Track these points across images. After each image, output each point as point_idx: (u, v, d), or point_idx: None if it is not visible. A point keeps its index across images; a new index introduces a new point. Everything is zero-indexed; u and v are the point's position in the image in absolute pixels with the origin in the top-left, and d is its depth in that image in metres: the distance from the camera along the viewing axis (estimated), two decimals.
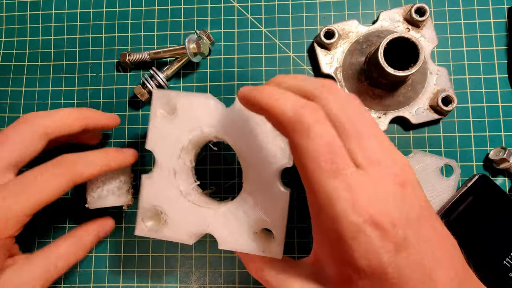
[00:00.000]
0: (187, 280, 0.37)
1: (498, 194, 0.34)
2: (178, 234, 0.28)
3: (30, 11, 0.42)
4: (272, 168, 0.27)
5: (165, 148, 0.29)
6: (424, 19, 0.36)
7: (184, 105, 0.29)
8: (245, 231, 0.27)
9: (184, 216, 0.28)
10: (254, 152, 0.27)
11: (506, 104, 0.37)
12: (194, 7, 0.40)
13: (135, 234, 0.29)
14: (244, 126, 0.27)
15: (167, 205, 0.29)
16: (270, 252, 0.26)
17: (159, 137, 0.29)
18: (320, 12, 0.39)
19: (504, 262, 0.33)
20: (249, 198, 0.27)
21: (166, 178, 0.29)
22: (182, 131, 0.29)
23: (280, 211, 0.26)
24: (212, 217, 0.28)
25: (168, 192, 0.29)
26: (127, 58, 0.38)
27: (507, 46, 0.37)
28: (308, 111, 0.19)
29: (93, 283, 0.37)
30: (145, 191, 0.29)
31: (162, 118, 0.29)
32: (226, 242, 0.27)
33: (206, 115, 0.28)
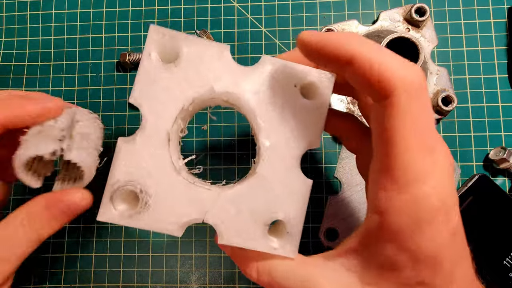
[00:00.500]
0: (187, 280, 0.37)
1: (498, 194, 0.34)
2: (164, 222, 0.21)
3: (30, 11, 0.42)
4: (296, 149, 0.22)
5: (158, 105, 0.22)
6: (424, 19, 0.36)
7: (192, 53, 0.22)
8: (255, 222, 0.22)
9: (175, 197, 0.22)
10: (278, 126, 0.22)
11: (506, 104, 0.37)
12: (194, 7, 0.40)
13: (98, 219, 0.21)
14: (270, 93, 0.22)
15: (152, 181, 0.22)
16: (284, 250, 0.22)
17: (150, 88, 0.22)
18: (320, 12, 0.39)
19: (504, 262, 0.33)
20: (263, 181, 0.22)
21: (154, 145, 0.22)
22: (184, 86, 0.22)
23: (299, 203, 0.22)
24: (212, 203, 0.22)
25: (155, 163, 0.22)
26: (127, 58, 0.38)
27: (507, 46, 0.37)
28: (421, 76, 0.18)
29: (93, 283, 0.37)
30: (122, 159, 0.21)
31: (158, 65, 0.22)
32: (228, 235, 0.22)
33: (220, 70, 0.22)
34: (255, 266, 0.22)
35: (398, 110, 0.18)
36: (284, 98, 0.22)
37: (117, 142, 0.22)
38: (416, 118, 0.18)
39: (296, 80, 0.22)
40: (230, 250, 0.24)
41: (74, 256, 0.37)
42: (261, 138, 0.22)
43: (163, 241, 0.37)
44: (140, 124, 0.22)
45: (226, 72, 0.22)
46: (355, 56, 0.19)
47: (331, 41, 0.19)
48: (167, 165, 0.22)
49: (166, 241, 0.37)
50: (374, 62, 0.18)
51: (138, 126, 0.22)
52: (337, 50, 0.19)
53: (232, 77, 0.22)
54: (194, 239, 0.37)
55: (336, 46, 0.19)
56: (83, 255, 0.37)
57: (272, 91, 0.22)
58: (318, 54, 0.20)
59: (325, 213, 0.36)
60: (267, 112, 0.22)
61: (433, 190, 0.18)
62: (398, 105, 0.18)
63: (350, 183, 0.36)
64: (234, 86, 0.22)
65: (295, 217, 0.22)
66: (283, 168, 0.22)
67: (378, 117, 0.19)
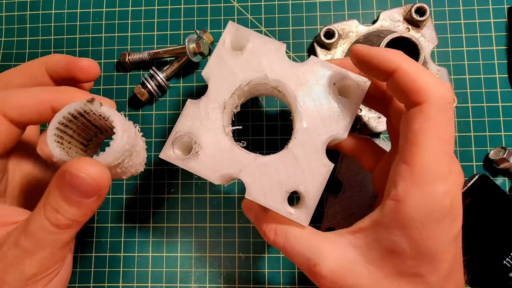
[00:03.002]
0: (187, 280, 0.37)
1: (498, 194, 0.34)
2: (207, 170, 0.26)
3: (30, 11, 0.42)
4: (325, 135, 0.26)
5: (221, 80, 0.27)
6: (424, 19, 0.36)
7: (256, 45, 0.28)
8: (278, 187, 0.26)
9: (220, 153, 0.26)
10: (313, 113, 0.26)
11: (506, 104, 0.37)
12: (194, 7, 0.40)
13: (160, 156, 0.26)
14: (312, 86, 0.27)
15: (205, 136, 0.27)
16: (298, 217, 0.25)
17: (219, 67, 0.27)
18: (320, 12, 0.39)
19: (504, 262, 0.33)
20: (292, 156, 0.26)
21: (212, 109, 0.27)
22: (244, 70, 0.27)
23: (320, 180, 0.26)
24: (248, 163, 0.26)
25: (210, 123, 0.27)
26: (127, 58, 0.38)
27: (507, 46, 0.37)
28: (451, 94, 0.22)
29: (93, 283, 0.37)
30: (186, 114, 0.27)
31: (228, 50, 0.28)
32: (255, 192, 0.26)
33: (275, 62, 0.27)
34: (273, 228, 0.26)
35: (428, 116, 0.21)
36: (323, 92, 0.27)
37: (186, 101, 0.27)
38: (441, 127, 0.21)
39: (336, 80, 0.27)
40: (254, 215, 0.27)
41: (74, 256, 0.37)
42: (296, 121, 0.27)
43: (163, 241, 0.37)
44: (206, 92, 0.27)
45: (279, 64, 0.27)
46: (399, 67, 0.22)
47: (381, 54, 0.23)
48: (218, 127, 0.27)
49: (166, 241, 0.37)
50: (414, 74, 0.22)
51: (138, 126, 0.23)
52: (384, 61, 0.23)
53: (283, 69, 0.27)
54: (194, 239, 0.37)
55: (384, 58, 0.23)
56: (83, 255, 0.37)
57: (314, 85, 0.27)
58: (368, 63, 0.24)
59: (325, 213, 0.36)
60: (306, 101, 0.27)
61: (447, 193, 0.21)
62: (428, 112, 0.21)
63: (350, 183, 0.36)
64: (283, 76, 0.27)
65: (313, 192, 0.25)
66: (311, 148, 0.26)
67: (408, 120, 0.22)
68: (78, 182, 0.20)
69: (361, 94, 0.26)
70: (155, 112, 0.39)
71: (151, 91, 0.37)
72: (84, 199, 0.21)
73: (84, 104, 0.21)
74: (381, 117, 0.36)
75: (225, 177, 0.26)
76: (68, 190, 0.20)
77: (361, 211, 0.36)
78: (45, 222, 0.21)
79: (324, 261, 0.23)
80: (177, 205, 0.38)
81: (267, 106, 0.38)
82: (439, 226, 0.21)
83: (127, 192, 0.38)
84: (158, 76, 0.37)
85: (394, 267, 0.22)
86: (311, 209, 0.25)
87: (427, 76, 0.22)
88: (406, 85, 0.22)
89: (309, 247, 0.24)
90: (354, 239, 0.23)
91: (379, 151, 0.30)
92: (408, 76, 0.22)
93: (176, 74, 0.39)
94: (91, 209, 0.22)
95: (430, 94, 0.21)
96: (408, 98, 0.22)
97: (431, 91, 0.21)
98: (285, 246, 0.25)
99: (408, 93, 0.22)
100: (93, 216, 0.38)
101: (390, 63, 0.23)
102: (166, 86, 0.38)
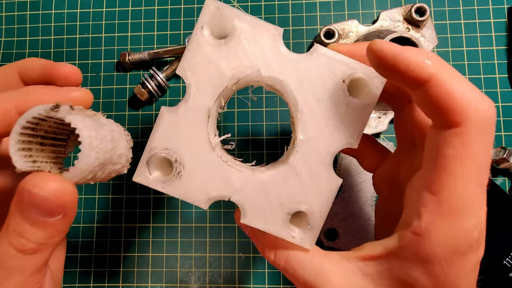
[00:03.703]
0: (187, 280, 0.37)
1: (498, 194, 0.34)
2: (193, 194, 0.22)
3: (30, 11, 0.42)
4: (333, 146, 0.22)
5: (203, 80, 0.22)
6: (424, 19, 0.36)
7: (244, 31, 0.22)
8: (279, 209, 0.22)
9: (207, 173, 0.22)
10: (319, 120, 0.22)
11: (506, 104, 0.37)
12: (194, 7, 0.40)
13: (134, 179, 0.22)
14: (315, 85, 0.22)
15: (188, 153, 0.22)
16: (302, 240, 0.22)
17: (198, 63, 0.22)
18: (320, 12, 0.39)
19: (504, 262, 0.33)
20: (294, 173, 0.22)
21: (194, 119, 0.22)
22: (231, 65, 0.22)
23: (326, 199, 0.22)
24: (242, 183, 0.22)
25: (193, 136, 0.22)
26: (127, 58, 0.38)
27: (507, 46, 0.37)
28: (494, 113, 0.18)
29: (93, 283, 0.37)
30: (162, 127, 0.22)
31: (208, 39, 0.22)
32: (252, 216, 0.22)
33: (270, 54, 0.22)
34: (273, 249, 0.23)
35: (465, 142, 0.18)
36: (329, 93, 0.22)
37: (160, 109, 0.22)
38: (479, 153, 0.18)
39: (346, 75, 0.22)
40: (250, 231, 0.24)
41: (75, 256, 0.37)
42: (298, 130, 0.22)
43: (163, 241, 0.37)
44: (185, 95, 0.22)
45: (276, 57, 0.22)
46: (433, 78, 0.18)
47: (409, 57, 0.18)
48: (203, 140, 0.22)
49: (166, 241, 0.37)
50: (451, 87, 0.18)
51: (138, 125, 0.22)
52: (415, 67, 0.18)
53: (280, 63, 0.22)
54: (194, 239, 0.37)
55: (415, 63, 0.18)
56: (83, 255, 0.37)
57: (318, 83, 0.22)
58: (393, 67, 0.19)
59: None
60: (309, 105, 0.22)
61: (477, 225, 0.18)
62: (467, 137, 0.18)
63: (350, 183, 0.36)
64: (281, 72, 0.22)
65: (319, 211, 0.22)
66: (315, 162, 0.22)
67: (437, 141, 0.19)
68: (37, 200, 0.18)
69: (376, 93, 0.22)
70: (155, 112, 0.39)
71: (151, 91, 0.37)
72: (48, 218, 0.18)
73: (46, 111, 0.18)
74: (381, 117, 0.36)
75: (215, 200, 0.23)
76: (29, 210, 0.18)
77: (361, 211, 0.36)
78: (9, 248, 0.18)
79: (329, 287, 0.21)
80: (177, 205, 0.38)
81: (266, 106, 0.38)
82: (464, 259, 0.19)
83: (127, 192, 0.38)
84: (158, 76, 0.37)
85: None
86: (316, 231, 0.22)
87: (469, 90, 0.18)
88: (441, 100, 0.18)
89: (313, 271, 0.21)
90: (364, 266, 0.21)
91: (382, 151, 0.27)
92: (443, 89, 0.18)
93: (176, 74, 0.39)
94: (59, 229, 0.19)
95: (472, 114, 0.17)
96: (442, 117, 0.18)
97: (473, 110, 0.17)
98: (287, 269, 0.22)
99: (443, 111, 0.18)
100: (93, 216, 0.38)
101: (423, 70, 0.18)
102: (166, 86, 0.38)
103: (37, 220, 0.18)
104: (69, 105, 0.18)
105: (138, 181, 0.22)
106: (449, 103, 0.18)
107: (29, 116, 0.18)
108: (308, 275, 0.21)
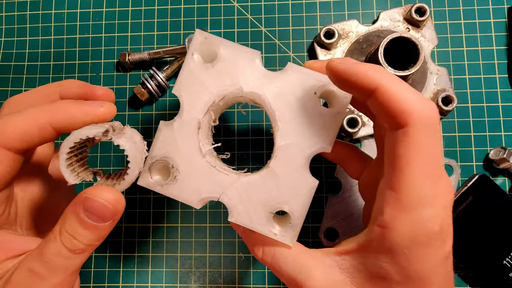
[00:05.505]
0: (187, 280, 0.37)
1: (498, 194, 0.34)
2: (186, 195, 0.25)
3: (30, 11, 0.42)
4: (308, 150, 0.25)
5: (194, 97, 0.26)
6: (424, 19, 0.36)
7: (227, 56, 0.25)
8: (262, 209, 0.25)
9: (198, 177, 0.25)
10: (294, 128, 0.25)
11: (506, 104, 0.37)
12: (194, 7, 0.40)
13: (138, 183, 0.25)
14: (290, 97, 0.25)
15: (182, 160, 0.25)
16: (283, 237, 0.24)
17: (190, 83, 0.26)
18: (320, 12, 0.39)
19: (504, 262, 0.33)
20: (274, 176, 0.25)
21: (187, 130, 0.25)
22: (217, 84, 0.25)
23: (304, 199, 0.25)
24: (228, 185, 0.25)
25: (186, 146, 0.25)
26: (127, 58, 0.38)
27: (507, 46, 0.37)
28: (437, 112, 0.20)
29: (92, 283, 0.37)
30: (161, 139, 0.26)
31: (198, 64, 0.26)
32: (238, 215, 0.25)
33: (250, 73, 0.25)
34: (261, 247, 0.25)
35: (413, 140, 0.20)
36: (303, 103, 0.25)
37: (159, 124, 0.26)
38: (427, 150, 0.20)
39: (317, 88, 0.25)
40: (242, 230, 0.26)
41: None
42: (277, 137, 0.25)
43: (162, 241, 0.37)
44: (179, 111, 0.26)
45: (254, 75, 0.25)
46: (379, 87, 0.21)
47: (359, 72, 0.21)
48: (195, 148, 0.26)
49: (166, 241, 0.37)
50: (395, 94, 0.20)
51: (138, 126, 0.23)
52: (363, 80, 0.21)
53: (259, 80, 0.25)
54: (194, 239, 0.37)
55: (363, 76, 0.21)
56: None
57: (292, 96, 0.25)
58: (346, 81, 0.22)
59: (325, 213, 0.36)
60: (285, 115, 0.25)
61: (434, 216, 0.20)
62: (413, 136, 0.20)
63: (350, 183, 0.36)
64: (260, 88, 0.25)
65: (298, 211, 0.25)
66: (293, 166, 0.25)
67: (391, 142, 0.21)
68: (96, 206, 0.22)
69: (345, 102, 0.25)
70: (155, 112, 0.39)
71: (151, 91, 0.37)
72: (100, 223, 0.22)
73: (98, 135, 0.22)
74: None
75: (206, 201, 0.26)
76: (85, 215, 0.22)
77: (361, 211, 0.36)
78: (61, 247, 0.21)
79: (310, 281, 0.23)
80: (177, 205, 0.38)
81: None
82: (426, 250, 0.20)
83: (127, 193, 0.38)
84: (158, 76, 0.37)
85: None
86: (297, 229, 0.24)
87: (411, 95, 0.20)
88: (387, 106, 0.20)
89: (296, 266, 0.23)
90: (341, 261, 0.23)
91: (365, 158, 0.29)
92: (389, 96, 0.20)
93: (176, 74, 0.39)
94: (105, 233, 0.23)
95: (415, 115, 0.20)
96: (390, 120, 0.21)
97: (415, 112, 0.20)
98: (273, 265, 0.24)
99: (390, 115, 0.20)
100: None
101: (370, 81, 0.21)
102: (166, 86, 0.38)
103: (90, 224, 0.22)
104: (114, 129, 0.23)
105: (141, 184, 0.25)
106: (394, 107, 0.20)
107: (77, 138, 0.22)
108: (292, 270, 0.23)
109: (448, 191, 0.21)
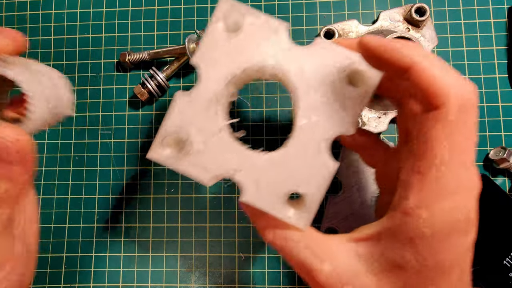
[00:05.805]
0: (187, 280, 0.37)
1: (498, 194, 0.34)
2: (199, 170, 0.23)
3: (30, 11, 0.42)
4: (330, 132, 0.23)
5: (213, 68, 0.24)
6: (424, 19, 0.36)
7: (253, 26, 0.24)
8: (277, 190, 0.23)
9: (213, 152, 0.24)
10: (317, 107, 0.23)
11: (506, 104, 0.37)
12: (194, 7, 0.40)
13: (147, 156, 0.24)
14: (316, 75, 0.24)
15: (197, 134, 0.24)
16: (298, 220, 0.23)
17: (211, 53, 0.24)
18: (320, 12, 0.39)
19: (504, 262, 0.33)
20: (292, 156, 0.24)
21: (204, 103, 0.24)
22: (239, 55, 0.24)
23: (322, 182, 0.23)
24: (243, 163, 0.24)
25: (202, 119, 0.24)
26: (127, 58, 0.38)
27: (507, 46, 0.37)
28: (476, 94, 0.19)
29: (93, 283, 0.37)
30: (177, 110, 0.24)
31: (221, 32, 0.24)
32: (251, 195, 0.23)
33: (275, 46, 0.24)
34: (272, 229, 0.24)
35: (447, 123, 0.19)
36: (329, 81, 0.23)
37: (174, 93, 0.24)
38: (462, 135, 0.19)
39: (345, 65, 0.23)
40: (251, 211, 0.25)
41: (74, 256, 0.37)
42: (298, 115, 0.24)
43: (162, 241, 0.37)
44: (196, 82, 0.24)
45: (280, 48, 0.24)
46: (415, 63, 0.19)
47: (394, 48, 0.20)
48: (211, 122, 0.24)
49: (166, 241, 0.37)
50: (432, 72, 0.19)
51: (138, 126, 0.23)
52: (398, 56, 0.20)
53: (283, 54, 0.24)
54: (194, 239, 0.37)
55: (397, 52, 0.20)
56: (83, 255, 0.37)
57: (319, 73, 0.24)
58: (379, 57, 0.21)
59: (325, 213, 0.36)
60: (309, 92, 0.23)
61: (463, 205, 0.19)
62: (448, 119, 0.19)
63: (350, 183, 0.36)
64: (284, 61, 0.24)
65: (314, 194, 0.23)
66: (313, 147, 0.23)
67: (423, 125, 0.20)
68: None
69: (373, 83, 0.23)
70: (155, 112, 0.39)
71: (151, 91, 0.37)
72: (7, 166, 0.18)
73: None
74: (381, 117, 0.36)
75: (218, 178, 0.24)
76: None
77: (361, 211, 0.36)
78: None
79: (324, 267, 0.21)
80: (177, 205, 0.38)
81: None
82: (451, 241, 0.19)
83: (127, 192, 0.38)
84: (158, 76, 0.37)
85: (399, 279, 0.20)
86: (312, 213, 0.23)
87: (449, 75, 0.19)
88: (422, 85, 0.19)
89: (309, 251, 0.22)
90: (357, 247, 0.22)
91: (385, 146, 0.28)
92: (425, 74, 0.19)
93: (176, 74, 0.39)
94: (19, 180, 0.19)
95: (451, 97, 0.18)
96: (424, 101, 0.19)
97: (452, 93, 0.18)
98: (283, 248, 0.23)
99: (424, 95, 0.19)
100: (93, 216, 0.38)
101: (404, 58, 0.20)
102: (166, 86, 0.38)
103: None
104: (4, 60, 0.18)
105: (151, 157, 0.23)
106: (429, 87, 0.19)
107: None
108: (303, 255, 0.22)
109: (477, 179, 0.20)
